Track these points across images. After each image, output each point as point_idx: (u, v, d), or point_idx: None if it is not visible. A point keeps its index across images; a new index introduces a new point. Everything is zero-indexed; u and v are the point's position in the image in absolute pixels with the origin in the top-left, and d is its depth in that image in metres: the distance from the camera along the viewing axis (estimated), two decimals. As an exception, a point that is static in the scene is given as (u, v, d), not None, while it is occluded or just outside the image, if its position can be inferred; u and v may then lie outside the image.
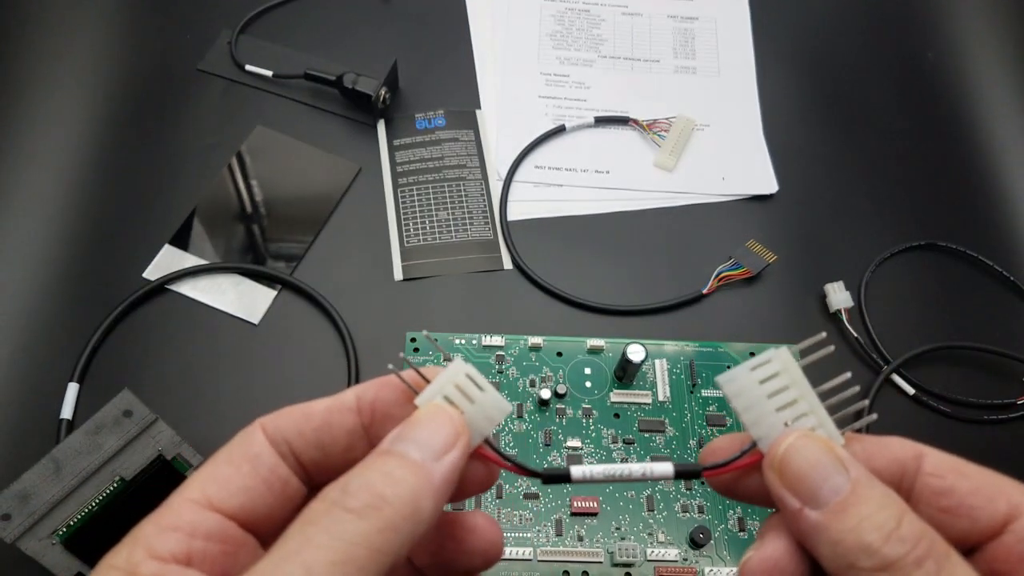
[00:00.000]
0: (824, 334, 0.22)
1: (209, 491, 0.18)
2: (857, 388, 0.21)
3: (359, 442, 0.20)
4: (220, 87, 0.50)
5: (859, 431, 0.21)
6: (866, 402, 0.22)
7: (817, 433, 0.20)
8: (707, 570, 0.36)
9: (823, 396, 0.21)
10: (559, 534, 0.37)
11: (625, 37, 0.55)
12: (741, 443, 0.21)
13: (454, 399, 0.20)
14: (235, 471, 0.19)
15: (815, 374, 0.21)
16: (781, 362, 0.21)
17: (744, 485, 0.21)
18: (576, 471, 0.21)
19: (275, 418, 0.20)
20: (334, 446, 0.20)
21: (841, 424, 0.21)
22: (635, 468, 0.21)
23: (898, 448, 0.20)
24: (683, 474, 0.22)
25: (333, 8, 0.54)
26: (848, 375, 0.21)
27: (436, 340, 0.22)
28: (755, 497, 0.21)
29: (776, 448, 0.20)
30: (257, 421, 0.20)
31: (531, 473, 0.22)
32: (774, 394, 0.20)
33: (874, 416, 0.21)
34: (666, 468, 0.21)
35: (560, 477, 0.22)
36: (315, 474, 0.20)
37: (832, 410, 0.21)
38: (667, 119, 0.50)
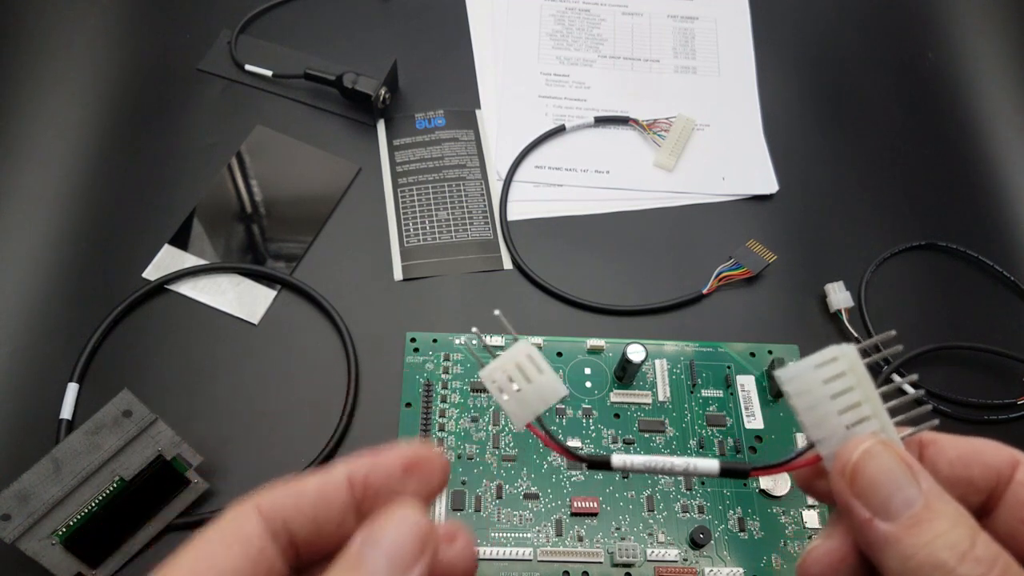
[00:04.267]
0: (893, 332, 0.21)
1: (198, 569, 0.18)
2: (922, 391, 0.20)
3: (350, 518, 0.20)
4: (220, 87, 0.50)
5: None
6: (929, 406, 0.21)
7: (888, 439, 0.19)
8: (707, 570, 0.36)
9: (884, 398, 0.20)
10: (559, 534, 0.37)
11: (625, 37, 0.55)
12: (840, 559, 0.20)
13: (514, 377, 0.22)
14: (225, 551, 0.19)
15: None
16: (848, 361, 0.20)
17: (816, 485, 0.21)
18: (616, 460, 0.22)
19: (271, 496, 0.20)
20: (328, 523, 0.20)
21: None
22: (677, 462, 0.21)
23: (993, 454, 0.20)
24: (729, 472, 0.21)
25: (333, 8, 0.54)
26: (915, 377, 0.20)
27: (505, 321, 0.23)
28: (827, 497, 0.21)
29: (847, 455, 0.19)
30: (252, 500, 0.20)
31: (575, 457, 0.23)
32: (838, 395, 0.20)
33: (936, 421, 0.20)
34: (711, 465, 0.21)
35: (601, 464, 0.22)
36: (305, 553, 0.20)
37: (892, 413, 0.20)
38: (667, 119, 0.50)
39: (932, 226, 0.48)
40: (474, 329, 0.23)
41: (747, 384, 0.41)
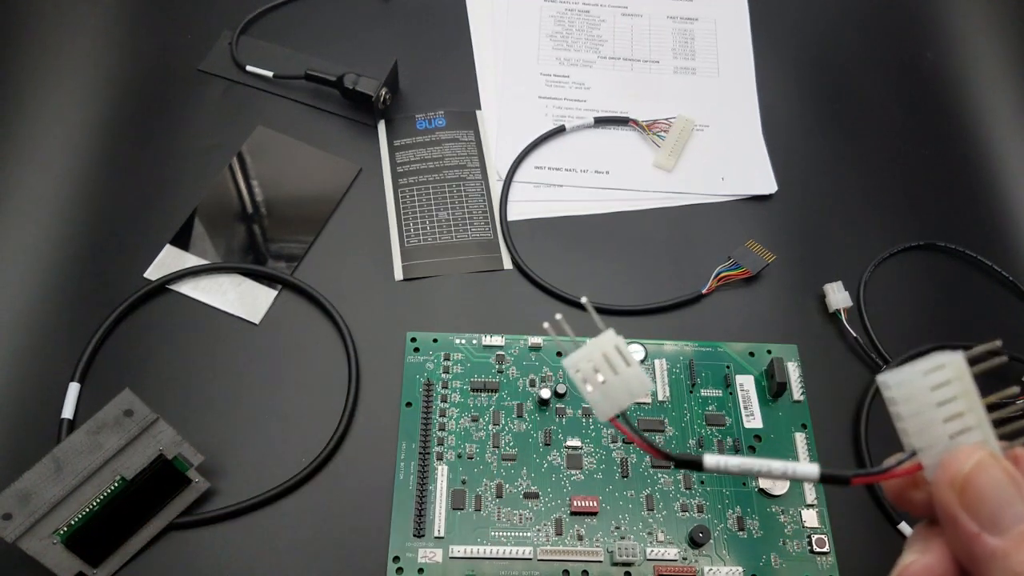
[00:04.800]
0: (999, 342, 0.20)
1: None
2: (1023, 403, 0.20)
3: None
4: (221, 88, 0.51)
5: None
6: None
7: (995, 452, 0.19)
8: (706, 569, 0.36)
9: (987, 408, 0.20)
10: (559, 533, 0.37)
11: (625, 38, 0.55)
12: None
13: (600, 368, 0.21)
14: None
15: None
16: (956, 369, 0.19)
17: (910, 495, 0.21)
18: (710, 460, 0.21)
19: None
20: None
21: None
22: (775, 465, 0.21)
23: None
24: (829, 479, 0.20)
25: (333, 9, 0.54)
26: (1016, 389, 0.20)
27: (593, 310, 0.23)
28: (919, 508, 0.20)
29: (957, 465, 0.19)
30: None
31: (663, 455, 0.22)
32: (943, 403, 0.19)
33: None
34: (811, 470, 0.20)
35: (692, 463, 0.21)
36: None
37: (995, 424, 0.20)
38: (667, 119, 0.50)
39: (931, 226, 0.48)
40: (558, 316, 0.23)
41: (746, 384, 0.41)
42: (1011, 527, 0.18)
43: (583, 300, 0.24)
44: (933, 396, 0.19)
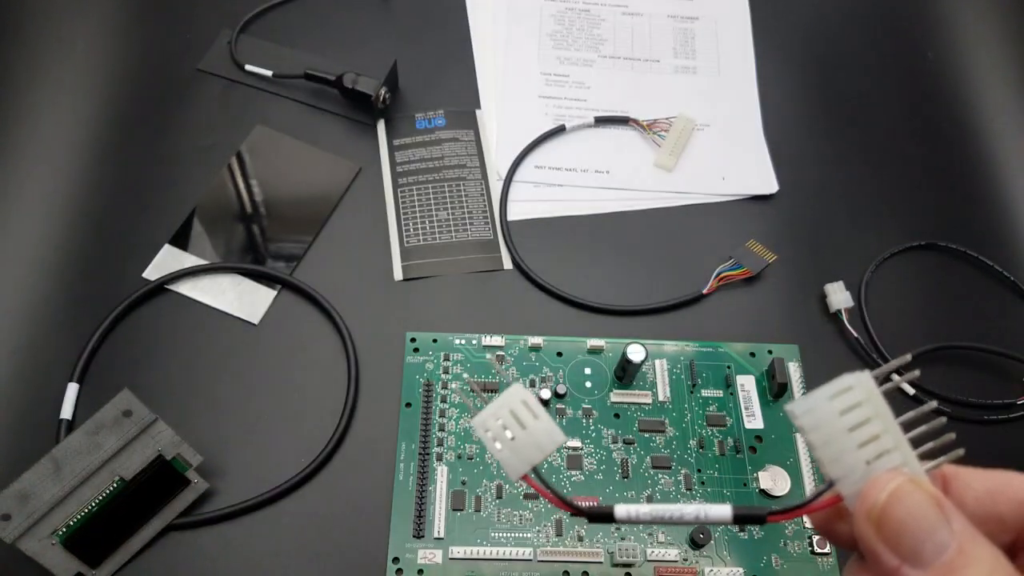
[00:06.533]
0: (909, 357, 0.19)
1: None
2: (944, 420, 0.19)
3: None
4: (220, 87, 0.50)
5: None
6: (952, 435, 0.19)
7: (916, 476, 0.18)
8: (707, 570, 0.36)
9: (904, 427, 0.19)
10: (559, 534, 0.37)
11: (625, 37, 0.55)
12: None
13: (508, 424, 0.21)
14: None
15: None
16: (864, 390, 0.19)
17: (836, 528, 0.20)
18: (620, 510, 0.21)
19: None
20: None
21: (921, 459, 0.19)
22: (687, 510, 0.20)
23: (1020, 488, 0.19)
24: (744, 519, 0.20)
25: (333, 8, 0.54)
26: (934, 404, 0.19)
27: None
28: (848, 542, 0.20)
29: (873, 495, 0.18)
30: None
31: (575, 510, 0.22)
32: (856, 427, 0.18)
33: (960, 451, 0.19)
34: (723, 512, 0.20)
35: (603, 516, 0.21)
36: None
37: (914, 443, 0.19)
38: (667, 119, 0.50)
39: (932, 226, 0.48)
40: (466, 376, 0.23)
41: (747, 384, 0.41)
42: (933, 559, 0.17)
43: (493, 362, 0.23)
44: (843, 421, 0.18)
